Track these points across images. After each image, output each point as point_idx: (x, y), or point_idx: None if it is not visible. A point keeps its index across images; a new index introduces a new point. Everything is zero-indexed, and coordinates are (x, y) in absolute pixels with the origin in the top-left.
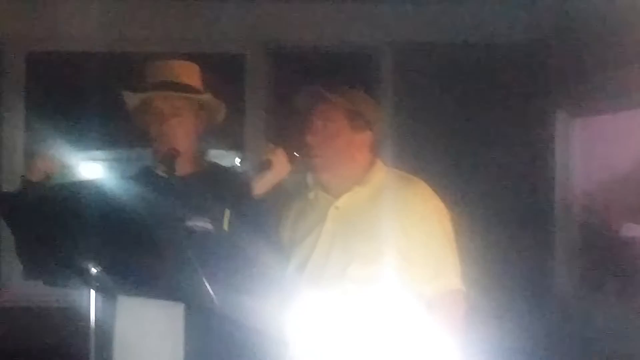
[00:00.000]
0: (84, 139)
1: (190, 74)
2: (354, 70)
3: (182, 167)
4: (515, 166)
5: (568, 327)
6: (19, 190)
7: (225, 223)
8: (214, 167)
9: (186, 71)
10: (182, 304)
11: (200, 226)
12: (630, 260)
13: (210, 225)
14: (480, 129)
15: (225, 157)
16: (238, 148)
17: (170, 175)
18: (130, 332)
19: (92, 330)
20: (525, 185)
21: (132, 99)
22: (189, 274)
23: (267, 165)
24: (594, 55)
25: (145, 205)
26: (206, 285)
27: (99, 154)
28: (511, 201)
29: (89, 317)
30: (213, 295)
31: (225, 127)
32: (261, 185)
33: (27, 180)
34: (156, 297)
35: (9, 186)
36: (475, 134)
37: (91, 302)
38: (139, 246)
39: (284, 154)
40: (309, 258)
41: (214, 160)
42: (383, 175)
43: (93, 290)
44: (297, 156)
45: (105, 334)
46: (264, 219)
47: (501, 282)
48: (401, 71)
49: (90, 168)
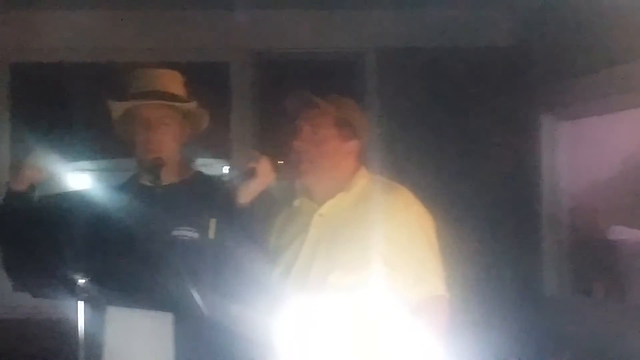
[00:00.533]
0: (69, 149)
1: (174, 82)
2: (339, 76)
3: (168, 176)
4: (501, 170)
5: (556, 330)
6: (3, 200)
7: (212, 232)
8: (199, 176)
9: (171, 80)
10: (171, 314)
11: (186, 235)
12: (618, 262)
13: (196, 234)
14: (465, 133)
15: (212, 166)
16: (224, 156)
17: (155, 185)
18: (120, 343)
19: (82, 342)
20: (511, 190)
21: (117, 108)
22: (176, 284)
23: (251, 174)
24: (578, 58)
25: (131, 215)
26: (194, 294)
27: (84, 164)
28: (498, 205)
29: (78, 329)
30: (201, 304)
31: (211, 136)
32: (246, 194)
33: (12, 191)
34: (145, 307)
35: None
36: (461, 138)
37: (79, 314)
38: (126, 256)
39: (268, 162)
40: (292, 265)
41: (199, 169)
42: (366, 181)
43: (81, 302)
44: (282, 164)
45: (94, 345)
46: (249, 227)
47: (488, 287)
48: (386, 76)
49: (76, 178)
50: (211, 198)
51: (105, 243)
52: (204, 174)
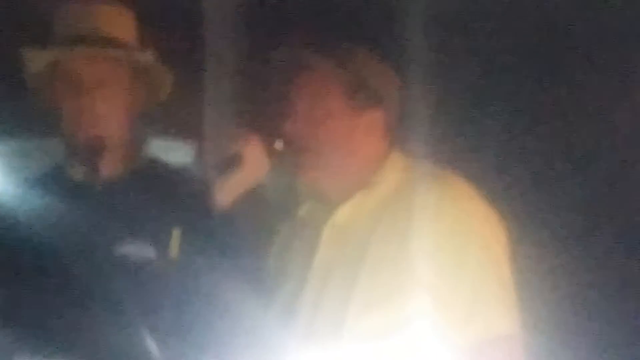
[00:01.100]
0: None
1: (120, 22)
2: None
3: (110, 166)
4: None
5: None
6: None
7: (174, 249)
8: (156, 166)
9: (115, 19)
10: None
11: (137, 254)
12: None
13: (151, 253)
14: (552, 103)
15: (175, 151)
16: (193, 137)
17: (92, 180)
18: None
19: None
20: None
21: (36, 61)
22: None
23: (236, 162)
24: None
25: (54, 223)
26: (148, 344)
27: None
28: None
29: None
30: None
31: (173, 106)
32: (227, 192)
33: None
34: None
35: None
36: (545, 110)
37: None
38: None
39: (260, 145)
40: (296, 301)
41: (156, 155)
42: (401, 172)
43: None
44: (280, 148)
45: None
46: (230, 242)
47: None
48: (427, 16)
49: None
50: (174, 199)
51: (13, 268)
52: (163, 163)
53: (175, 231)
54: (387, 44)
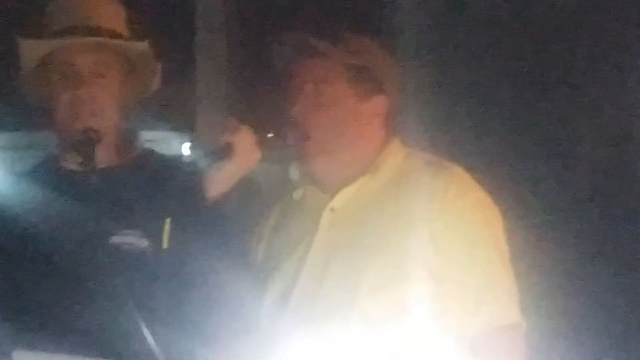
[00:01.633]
0: None
1: (112, 14)
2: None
3: (104, 157)
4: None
5: None
6: None
7: (166, 238)
8: (149, 157)
9: (107, 11)
10: None
11: (130, 243)
12: None
13: (144, 242)
14: (556, 90)
15: (167, 142)
16: (184, 127)
17: (86, 170)
18: None
19: None
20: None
21: (31, 52)
22: (117, 317)
23: (227, 152)
24: None
25: (47, 215)
26: (143, 333)
27: None
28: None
29: None
30: (154, 348)
31: (166, 97)
32: (218, 182)
33: None
34: (69, 353)
35: None
36: (548, 98)
37: None
38: (39, 275)
39: (251, 134)
40: (293, 287)
41: (149, 146)
42: (400, 159)
43: None
44: (271, 137)
45: None
46: (223, 231)
47: (580, 314)
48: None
49: None
50: (166, 188)
51: (7, 259)
52: (155, 153)
53: (168, 221)
54: (390, 33)
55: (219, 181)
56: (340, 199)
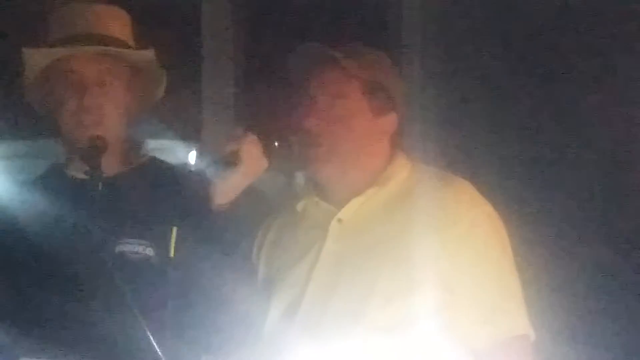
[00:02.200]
0: None
1: (118, 23)
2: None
3: (110, 165)
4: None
5: None
6: None
7: (172, 247)
8: (155, 165)
9: (113, 19)
10: None
11: (136, 252)
12: None
13: (150, 251)
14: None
15: (173, 150)
16: (191, 136)
17: (93, 178)
18: None
19: None
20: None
21: (36, 60)
22: (122, 325)
23: (234, 161)
24: None
25: (53, 223)
26: (149, 341)
27: None
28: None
29: None
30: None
31: (172, 105)
32: (225, 191)
33: None
34: None
35: None
36: (552, 113)
37: None
38: (46, 283)
39: (258, 144)
40: (301, 298)
41: (155, 154)
42: (407, 172)
43: None
44: (278, 146)
45: None
46: (228, 241)
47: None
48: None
49: None
50: (172, 197)
51: (15, 267)
52: (161, 162)
53: (174, 229)
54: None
55: (225, 190)
56: (348, 210)
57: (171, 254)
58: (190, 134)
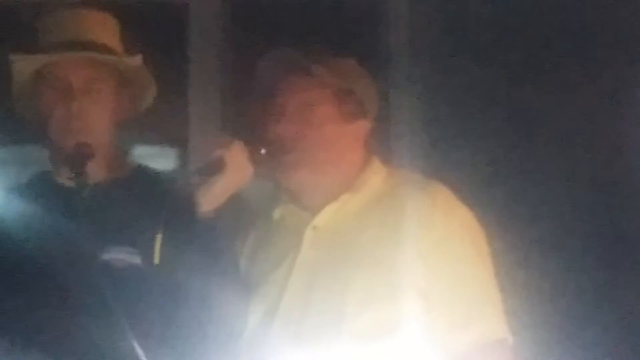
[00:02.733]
0: None
1: (106, 29)
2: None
3: (96, 172)
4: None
5: None
6: None
7: (157, 254)
8: (141, 173)
9: (100, 26)
10: None
11: (122, 259)
12: None
13: (136, 258)
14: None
15: (159, 157)
16: (177, 143)
17: (79, 185)
18: None
19: None
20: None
21: (24, 66)
22: (107, 332)
23: (219, 167)
24: None
25: (40, 229)
26: (135, 349)
27: None
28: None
29: None
30: None
31: (158, 113)
32: (210, 198)
33: None
34: None
35: None
36: (528, 116)
37: None
38: (31, 290)
39: (244, 150)
40: (278, 303)
41: (141, 161)
42: (382, 178)
43: None
44: (264, 153)
45: None
46: (213, 248)
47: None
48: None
49: None
50: (158, 204)
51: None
52: (148, 169)
53: (158, 236)
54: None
55: (210, 197)
56: (322, 217)
57: (156, 260)
58: (177, 141)
